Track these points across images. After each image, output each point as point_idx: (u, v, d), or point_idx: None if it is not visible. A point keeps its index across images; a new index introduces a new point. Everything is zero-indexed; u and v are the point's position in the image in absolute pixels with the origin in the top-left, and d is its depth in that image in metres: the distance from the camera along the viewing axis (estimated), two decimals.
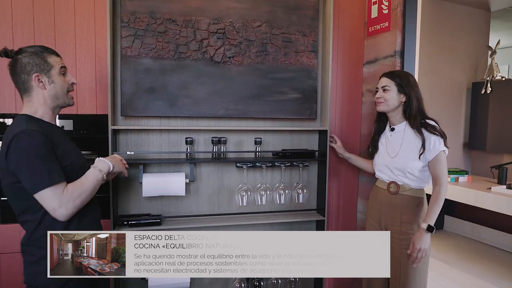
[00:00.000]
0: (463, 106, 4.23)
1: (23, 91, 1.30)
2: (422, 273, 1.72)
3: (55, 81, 1.31)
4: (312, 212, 2.20)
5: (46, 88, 1.30)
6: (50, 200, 1.19)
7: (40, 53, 1.29)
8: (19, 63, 1.26)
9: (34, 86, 1.28)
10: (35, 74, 1.27)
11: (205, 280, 2.11)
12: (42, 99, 1.30)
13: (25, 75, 1.27)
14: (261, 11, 2.00)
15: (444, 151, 1.66)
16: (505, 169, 3.43)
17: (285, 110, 2.07)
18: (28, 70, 1.26)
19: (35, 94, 1.30)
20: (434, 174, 1.67)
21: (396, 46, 2.04)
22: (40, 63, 1.28)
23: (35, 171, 1.18)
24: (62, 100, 1.35)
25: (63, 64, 1.35)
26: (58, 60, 1.33)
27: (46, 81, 1.29)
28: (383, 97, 1.74)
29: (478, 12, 4.18)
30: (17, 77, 1.28)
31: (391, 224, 1.77)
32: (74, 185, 1.25)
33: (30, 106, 1.31)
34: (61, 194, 1.20)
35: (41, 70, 1.28)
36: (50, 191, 1.19)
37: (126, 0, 1.83)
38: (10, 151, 1.19)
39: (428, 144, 1.66)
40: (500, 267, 3.30)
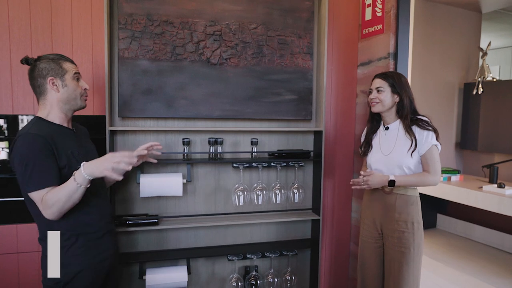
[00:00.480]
0: (455, 106, 4.30)
1: (39, 94, 1.41)
2: (416, 270, 1.76)
3: (68, 85, 1.41)
4: (307, 212, 2.23)
5: (60, 91, 1.40)
6: (38, 203, 1.30)
7: (57, 60, 1.41)
8: (37, 68, 1.38)
9: (48, 89, 1.39)
10: (50, 78, 1.38)
11: (202, 279, 2.13)
12: (55, 101, 1.40)
13: (41, 78, 1.38)
14: (257, 14, 2.02)
15: (437, 145, 1.71)
16: (496, 168, 3.49)
17: (281, 111, 2.10)
18: (44, 74, 1.38)
19: (49, 97, 1.40)
20: (427, 167, 1.71)
21: (390, 48, 2.08)
22: (56, 68, 1.39)
23: (26, 174, 1.27)
24: (74, 103, 1.44)
25: (77, 71, 1.46)
26: (72, 66, 1.44)
27: (59, 85, 1.40)
28: (378, 98, 1.78)
29: (469, 14, 4.25)
30: (34, 81, 1.39)
31: (386, 223, 1.81)
32: (51, 193, 1.28)
33: (44, 109, 1.41)
34: (44, 200, 1.28)
35: (55, 74, 1.39)
36: (35, 194, 1.28)
37: (123, 2, 1.85)
38: (12, 153, 1.31)
39: (421, 138, 1.70)
40: (491, 264, 3.36)
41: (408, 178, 1.72)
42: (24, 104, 1.88)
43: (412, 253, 1.74)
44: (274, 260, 2.21)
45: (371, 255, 1.89)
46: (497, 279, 3.03)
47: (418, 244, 1.75)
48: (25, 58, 1.40)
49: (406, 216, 1.76)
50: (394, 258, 1.77)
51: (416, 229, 1.75)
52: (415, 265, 1.75)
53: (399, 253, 1.75)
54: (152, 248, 2.03)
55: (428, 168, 1.71)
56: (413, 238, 1.74)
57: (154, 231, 2.02)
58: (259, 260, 2.19)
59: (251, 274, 2.12)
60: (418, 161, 1.75)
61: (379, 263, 1.88)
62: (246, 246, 2.15)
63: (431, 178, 1.70)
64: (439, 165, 1.72)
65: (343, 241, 2.47)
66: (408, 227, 1.75)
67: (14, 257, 1.90)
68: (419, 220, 1.78)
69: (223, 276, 2.16)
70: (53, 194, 1.28)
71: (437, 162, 1.71)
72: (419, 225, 1.78)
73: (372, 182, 1.74)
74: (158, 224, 1.92)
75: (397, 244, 1.76)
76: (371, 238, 1.89)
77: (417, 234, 1.75)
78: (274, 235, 2.23)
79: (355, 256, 2.41)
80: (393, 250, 1.78)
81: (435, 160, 1.71)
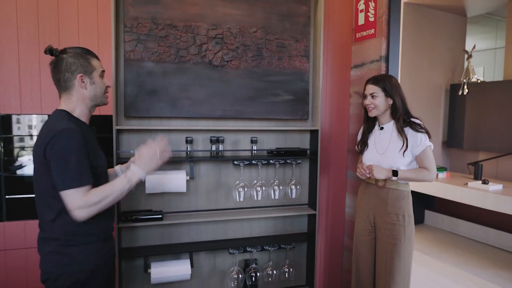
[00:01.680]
0: (442, 106, 4.46)
1: (64, 89, 1.37)
2: (406, 261, 1.88)
3: (96, 82, 1.40)
4: (304, 207, 2.34)
5: (87, 89, 1.38)
6: (72, 201, 1.25)
7: (85, 55, 1.37)
8: (65, 62, 1.33)
9: (76, 85, 1.36)
10: (80, 75, 1.35)
11: (203, 272, 2.22)
12: (81, 98, 1.38)
13: (69, 74, 1.34)
14: (256, 18, 2.12)
15: (430, 146, 1.83)
16: (481, 165, 3.65)
17: (279, 111, 2.20)
18: (73, 69, 1.34)
19: (75, 93, 1.37)
20: (423, 165, 1.84)
21: (382, 52, 2.20)
22: (85, 64, 1.36)
23: (67, 170, 1.24)
24: (99, 100, 1.44)
25: (103, 69, 1.45)
26: (99, 63, 1.43)
27: (88, 82, 1.38)
28: (373, 103, 1.89)
29: (455, 18, 4.41)
30: (60, 75, 1.34)
31: (378, 216, 1.92)
32: (96, 193, 1.28)
33: (69, 103, 1.38)
34: (83, 198, 1.25)
35: (85, 71, 1.36)
36: (75, 192, 1.25)
37: (129, 6, 1.92)
38: (51, 146, 1.25)
39: (415, 140, 1.82)
40: (475, 257, 3.52)
41: (407, 172, 1.84)
42: (31, 105, 1.94)
43: (403, 245, 1.85)
44: (273, 253, 2.32)
45: (365, 247, 2.01)
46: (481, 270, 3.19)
47: (408, 236, 1.87)
48: (49, 48, 1.34)
49: (397, 209, 1.88)
50: (386, 249, 1.88)
51: (407, 222, 1.87)
52: (406, 256, 1.86)
53: (391, 244, 1.87)
54: (156, 242, 2.11)
55: (424, 166, 1.83)
56: (404, 230, 1.86)
57: (158, 226, 2.10)
58: (259, 253, 2.29)
59: (251, 267, 2.22)
60: (410, 161, 1.87)
61: (372, 255, 2.00)
62: (246, 240, 2.24)
63: (428, 174, 1.82)
64: (434, 163, 1.84)
65: (338, 234, 2.59)
66: (399, 219, 1.87)
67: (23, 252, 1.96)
68: (410, 213, 1.90)
69: (224, 269, 2.26)
70: (100, 193, 1.28)
71: (432, 160, 1.83)
72: (410, 218, 1.89)
73: (376, 173, 1.84)
74: (162, 220, 2.00)
75: (388, 235, 1.88)
76: (365, 231, 2.00)
77: (407, 227, 1.87)
78: (272, 229, 2.33)
79: (348, 249, 2.52)
80: (385, 242, 1.89)
81: (429, 159, 1.83)
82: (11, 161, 1.95)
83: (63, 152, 1.25)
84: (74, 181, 1.25)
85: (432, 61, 4.30)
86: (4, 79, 1.89)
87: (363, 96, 1.95)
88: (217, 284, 2.24)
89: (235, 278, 2.18)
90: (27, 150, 1.98)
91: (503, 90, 3.87)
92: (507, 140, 3.81)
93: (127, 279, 2.08)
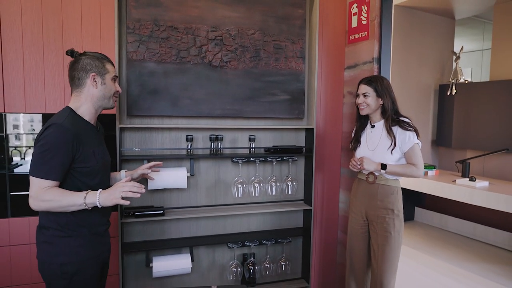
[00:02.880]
0: (431, 106, 4.59)
1: (76, 86, 1.48)
2: (395, 253, 1.97)
3: (107, 84, 1.51)
4: (299, 202, 2.42)
5: (97, 88, 1.49)
6: (32, 188, 1.35)
7: (101, 59, 1.50)
8: (82, 61, 1.46)
9: (88, 83, 1.47)
10: (93, 74, 1.47)
11: (203, 266, 2.29)
12: (90, 96, 1.48)
13: (84, 72, 1.46)
14: (254, 20, 2.20)
15: (418, 143, 1.93)
16: (468, 163, 3.79)
17: (276, 110, 2.28)
18: (87, 69, 1.46)
19: (85, 91, 1.48)
20: (410, 162, 1.93)
21: (374, 54, 2.29)
22: (99, 66, 1.48)
23: (41, 160, 1.34)
24: (107, 101, 1.54)
25: (116, 74, 1.57)
26: (113, 69, 1.55)
27: (99, 82, 1.49)
28: (365, 102, 1.99)
29: (444, 20, 4.55)
30: (74, 73, 1.46)
31: (370, 210, 2.02)
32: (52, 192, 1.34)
33: (77, 101, 1.48)
34: (40, 191, 1.33)
35: (98, 71, 1.48)
36: (37, 181, 1.34)
37: (132, 9, 1.99)
38: (39, 135, 1.38)
39: (404, 138, 1.92)
40: (463, 251, 3.65)
41: (396, 167, 1.94)
42: (36, 104, 1.99)
43: (392, 237, 1.95)
44: (270, 247, 2.40)
45: (358, 240, 2.11)
46: (469, 264, 3.31)
47: (397, 230, 1.97)
48: (71, 50, 1.47)
49: (386, 204, 1.98)
50: (377, 242, 1.99)
51: (396, 216, 1.97)
52: (394, 248, 1.96)
53: (381, 237, 1.97)
54: (157, 237, 2.18)
55: (412, 163, 1.93)
56: (393, 223, 1.96)
57: (159, 222, 2.17)
58: (256, 247, 2.37)
59: (249, 261, 2.30)
60: (399, 158, 1.97)
61: (365, 247, 2.10)
62: (244, 234, 2.32)
63: (416, 170, 1.91)
64: (421, 160, 1.94)
65: (332, 229, 2.68)
66: (389, 213, 1.97)
67: (27, 248, 2.01)
68: (399, 208, 1.99)
69: (223, 262, 2.33)
70: (55, 194, 1.34)
71: (420, 157, 1.93)
72: (399, 212, 1.99)
73: (366, 165, 1.95)
74: (164, 215, 2.07)
75: (379, 229, 1.98)
76: (358, 225, 2.10)
77: (396, 220, 1.97)
78: (269, 224, 2.42)
79: (342, 243, 2.62)
80: (376, 234, 1.99)
81: (417, 155, 1.93)
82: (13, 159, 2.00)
83: (45, 143, 1.34)
84: (42, 171, 1.33)
85: (422, 62, 4.43)
86: (9, 79, 1.94)
87: (356, 95, 2.05)
88: (217, 277, 2.32)
89: (234, 272, 2.26)
90: (27, 149, 2.03)
91: (490, 91, 4.02)
92: (493, 139, 3.96)
93: (129, 274, 2.14)
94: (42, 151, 1.34)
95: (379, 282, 1.98)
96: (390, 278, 1.97)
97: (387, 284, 1.96)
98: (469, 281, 3.02)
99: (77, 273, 1.43)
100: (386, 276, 1.96)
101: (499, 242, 3.78)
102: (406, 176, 1.94)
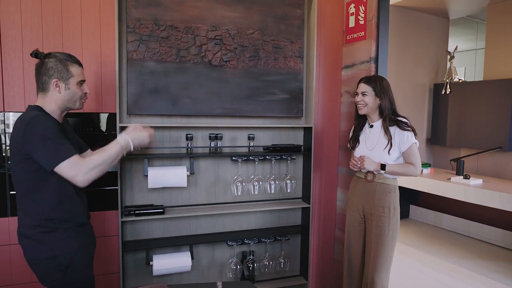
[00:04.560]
0: (426, 105, 4.65)
1: (41, 90, 1.49)
2: (390, 250, 2.01)
3: (71, 88, 1.50)
4: (298, 200, 2.45)
5: (61, 93, 1.49)
6: (69, 170, 1.38)
7: (65, 61, 1.48)
8: (45, 66, 1.46)
9: (51, 88, 1.47)
10: (55, 80, 1.46)
11: (203, 264, 2.31)
12: (54, 100, 1.49)
13: (47, 77, 1.46)
14: (253, 20, 2.22)
15: (416, 143, 1.96)
16: (462, 161, 3.84)
17: (275, 109, 2.30)
18: (50, 74, 1.46)
19: (50, 95, 1.48)
20: (409, 161, 1.97)
21: (372, 53, 2.32)
22: (62, 70, 1.47)
23: (51, 149, 1.36)
24: (72, 105, 1.54)
25: (83, 78, 1.55)
26: (79, 71, 1.53)
27: (63, 87, 1.48)
28: (363, 101, 2.02)
29: (438, 20, 4.60)
30: (40, 77, 1.47)
31: (367, 208, 2.05)
32: (91, 158, 1.42)
33: (43, 102, 1.49)
34: (77, 165, 1.38)
35: (61, 77, 1.47)
36: (67, 163, 1.37)
37: (132, 8, 1.99)
38: (27, 135, 1.36)
39: (402, 138, 1.95)
40: (457, 248, 3.71)
41: (395, 167, 1.97)
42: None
43: (387, 235, 1.98)
44: (269, 245, 2.42)
45: (356, 237, 2.14)
46: (463, 261, 3.37)
47: (393, 228, 2.00)
48: (35, 51, 1.46)
49: (384, 202, 2.01)
50: (373, 239, 2.02)
51: (392, 214, 2.00)
52: (389, 246, 1.99)
53: (377, 234, 2.00)
54: (157, 235, 2.19)
55: (410, 162, 1.97)
56: (388, 222, 1.99)
57: (159, 220, 2.18)
58: (255, 245, 2.39)
59: (248, 258, 2.32)
60: (397, 157, 2.00)
61: (362, 244, 2.13)
62: (244, 232, 2.34)
63: (414, 169, 1.95)
64: (419, 159, 1.97)
65: (329, 227, 2.71)
66: (385, 212, 2.00)
67: None
68: (396, 206, 2.03)
69: (222, 260, 2.35)
70: (97, 156, 1.42)
71: (418, 156, 1.97)
72: (396, 211, 2.02)
73: (367, 164, 1.98)
74: (164, 214, 2.08)
75: (375, 226, 2.01)
76: (355, 222, 2.13)
77: (392, 219, 2.00)
78: (268, 222, 2.44)
79: (339, 241, 2.65)
80: (372, 232, 2.02)
81: (415, 155, 1.96)
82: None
83: (42, 132, 1.36)
84: (62, 152, 1.37)
85: (417, 61, 4.48)
86: (9, 78, 1.94)
87: (355, 94, 2.08)
88: (216, 275, 2.34)
89: (233, 269, 2.28)
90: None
91: (484, 90, 4.08)
92: (487, 137, 4.02)
93: (130, 272, 2.15)
94: (46, 139, 1.36)
95: (371, 279, 2.01)
96: (382, 275, 2.00)
97: (378, 281, 1.99)
98: (464, 277, 3.07)
99: (71, 264, 1.48)
100: (378, 273, 1.99)
101: (493, 239, 3.84)
102: (404, 175, 1.97)
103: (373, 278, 1.99)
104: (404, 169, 1.96)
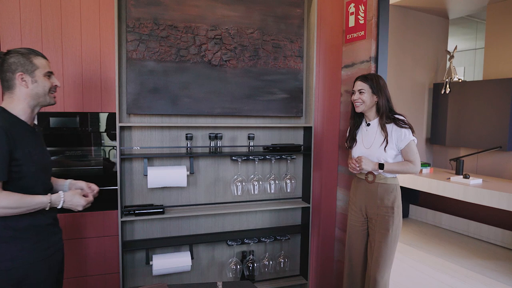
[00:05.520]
0: (425, 105, 4.65)
1: (6, 88, 1.39)
2: (392, 249, 2.01)
3: (38, 81, 1.41)
4: (298, 200, 2.45)
5: (29, 87, 1.39)
6: None
7: (27, 55, 1.39)
8: (6, 62, 1.37)
9: (17, 84, 1.38)
10: (19, 73, 1.37)
11: (202, 264, 2.31)
12: (22, 96, 1.39)
13: (10, 73, 1.37)
14: (253, 20, 2.22)
15: (414, 140, 1.96)
16: (462, 161, 3.85)
17: (275, 108, 2.30)
18: (13, 69, 1.37)
19: (17, 92, 1.39)
20: (408, 159, 1.97)
21: (371, 53, 2.32)
22: (25, 63, 1.38)
23: None
24: (43, 99, 1.44)
25: (49, 69, 1.45)
26: (44, 62, 1.43)
27: (29, 81, 1.39)
28: (360, 99, 2.02)
29: (438, 20, 4.61)
30: (2, 75, 1.38)
31: (370, 208, 2.05)
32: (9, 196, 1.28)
33: (10, 102, 1.39)
34: None
35: (25, 70, 1.38)
36: None
37: (132, 8, 1.99)
38: None
39: (399, 135, 1.95)
40: (456, 247, 3.72)
41: (393, 165, 1.97)
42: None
43: (390, 234, 1.98)
44: (269, 245, 2.42)
45: (358, 237, 2.14)
46: (462, 260, 3.38)
47: (396, 226, 2.00)
48: None
49: (386, 202, 2.01)
50: (375, 238, 2.02)
51: (395, 213, 2.00)
52: (392, 244, 2.00)
53: (379, 233, 2.00)
54: (157, 235, 2.19)
55: (409, 159, 1.97)
56: (392, 221, 1.99)
57: (159, 220, 2.18)
58: (255, 245, 2.39)
59: (248, 258, 2.32)
60: (395, 155, 2.00)
61: (364, 244, 2.13)
62: (243, 232, 2.34)
63: (412, 166, 1.95)
64: (418, 156, 1.97)
65: (329, 226, 2.71)
66: (388, 211, 2.00)
67: None
68: (399, 205, 2.03)
69: (222, 260, 2.35)
70: (17, 197, 1.29)
71: (416, 153, 1.97)
72: (398, 209, 2.02)
73: (364, 165, 1.97)
74: (163, 213, 2.08)
75: (379, 226, 2.01)
76: (357, 222, 2.13)
77: (396, 218, 2.00)
78: (268, 222, 2.44)
79: (339, 240, 2.65)
80: (375, 231, 2.02)
81: (414, 152, 1.96)
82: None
83: None
84: None
85: (416, 60, 4.48)
86: None
87: (352, 92, 2.08)
88: (216, 275, 2.34)
89: (233, 269, 2.28)
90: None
91: (483, 89, 4.08)
92: (486, 137, 4.02)
93: (130, 272, 2.15)
94: None
95: (373, 277, 2.01)
96: (383, 273, 2.00)
97: (380, 280, 2.00)
98: (463, 276, 3.08)
99: (26, 278, 1.35)
100: (380, 272, 1.99)
101: (492, 238, 3.85)
102: (403, 173, 1.97)
103: (376, 276, 2.00)
104: (403, 167, 1.96)
